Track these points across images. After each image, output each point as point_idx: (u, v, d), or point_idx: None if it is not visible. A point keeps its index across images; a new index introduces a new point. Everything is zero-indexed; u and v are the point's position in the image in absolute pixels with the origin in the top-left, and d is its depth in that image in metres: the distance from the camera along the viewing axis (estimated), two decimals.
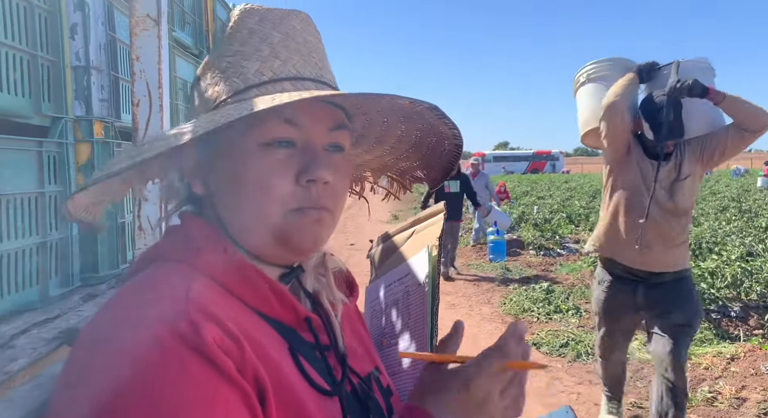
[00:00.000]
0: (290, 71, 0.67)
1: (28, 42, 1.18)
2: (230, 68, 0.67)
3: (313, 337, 0.67)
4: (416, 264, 0.91)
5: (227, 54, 0.68)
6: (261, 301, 0.63)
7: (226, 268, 0.62)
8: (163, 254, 0.65)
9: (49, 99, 1.26)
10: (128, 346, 0.49)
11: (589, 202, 15.12)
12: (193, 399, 0.48)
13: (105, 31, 1.51)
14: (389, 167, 0.92)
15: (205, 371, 0.50)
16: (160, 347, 0.49)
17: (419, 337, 0.84)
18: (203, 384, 0.49)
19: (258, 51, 0.67)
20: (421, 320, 0.85)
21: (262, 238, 0.65)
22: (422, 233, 0.98)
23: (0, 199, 1.06)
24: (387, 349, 0.89)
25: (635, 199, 2.75)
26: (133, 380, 0.48)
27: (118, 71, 1.60)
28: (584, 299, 6.09)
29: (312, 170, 0.63)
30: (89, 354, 0.52)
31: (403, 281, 0.92)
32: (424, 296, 0.86)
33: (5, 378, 0.81)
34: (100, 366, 0.50)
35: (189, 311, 0.53)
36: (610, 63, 2.87)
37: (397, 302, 0.91)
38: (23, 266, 1.14)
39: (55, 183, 1.27)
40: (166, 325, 0.51)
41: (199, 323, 0.51)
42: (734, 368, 4.05)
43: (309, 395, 0.60)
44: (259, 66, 0.66)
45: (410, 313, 0.88)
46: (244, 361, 0.54)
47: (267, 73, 0.66)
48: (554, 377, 4.13)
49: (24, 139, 1.15)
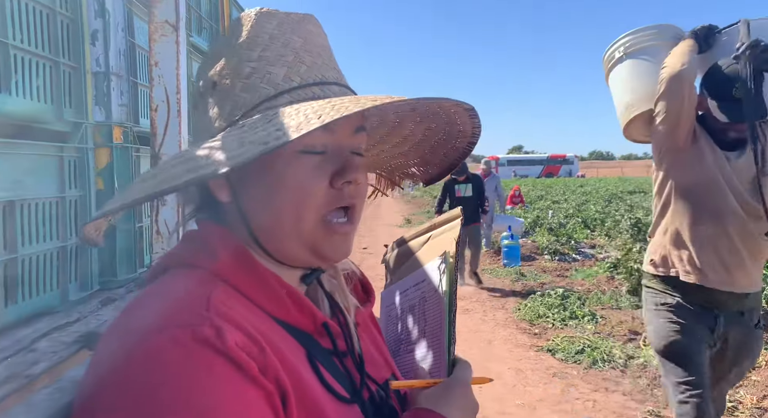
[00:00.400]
0: (316, 76, 0.67)
1: (51, 49, 1.20)
2: (255, 74, 0.65)
3: (331, 343, 0.67)
4: (433, 270, 0.90)
5: (249, 59, 0.66)
6: (278, 307, 0.64)
7: (244, 274, 0.63)
8: (181, 260, 0.65)
9: (71, 105, 1.28)
10: (154, 351, 0.50)
11: (604, 206, 14.98)
12: (224, 401, 0.49)
13: (125, 37, 1.53)
14: (380, 164, 0.92)
15: (231, 373, 0.51)
16: (187, 351, 0.50)
17: (436, 345, 0.84)
18: (232, 386, 0.50)
19: (282, 56, 0.66)
20: (438, 327, 0.84)
21: (294, 245, 0.65)
22: (439, 238, 0.97)
23: (22, 204, 1.07)
24: (404, 355, 0.89)
25: (711, 201, 2.11)
26: (162, 385, 0.48)
27: (137, 77, 1.61)
28: (600, 305, 6.03)
29: (348, 173, 0.65)
30: (115, 360, 0.52)
31: (419, 287, 0.91)
32: (440, 302, 0.85)
33: (27, 382, 0.81)
34: (128, 372, 0.50)
35: (211, 316, 0.54)
36: (654, 31, 2.27)
37: (413, 308, 0.91)
38: (44, 270, 1.15)
39: (76, 188, 1.28)
40: (190, 330, 0.52)
41: (221, 327, 0.52)
42: (756, 377, 3.97)
43: (328, 402, 0.61)
44: (287, 71, 0.66)
45: (426, 319, 0.87)
46: (266, 364, 0.54)
47: (295, 78, 0.66)
48: (570, 384, 4.09)
49: (45, 145, 1.17)
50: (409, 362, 0.87)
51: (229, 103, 0.66)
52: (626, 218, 9.92)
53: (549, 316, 5.72)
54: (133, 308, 0.59)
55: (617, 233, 9.33)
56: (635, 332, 5.08)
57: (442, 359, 0.81)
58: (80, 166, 1.30)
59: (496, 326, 5.61)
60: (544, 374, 4.29)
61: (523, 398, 3.87)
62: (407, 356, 0.88)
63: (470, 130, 0.78)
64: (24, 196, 1.07)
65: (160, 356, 0.50)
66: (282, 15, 0.70)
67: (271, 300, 0.63)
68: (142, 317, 0.56)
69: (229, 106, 0.66)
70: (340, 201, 0.65)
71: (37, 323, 1.06)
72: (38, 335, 0.98)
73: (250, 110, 0.64)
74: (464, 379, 0.76)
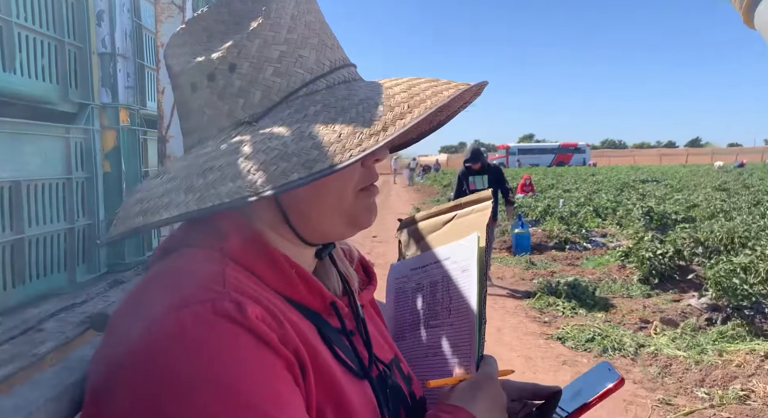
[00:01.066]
0: (339, 58, 0.67)
1: (56, 28, 1.18)
2: (285, 58, 0.63)
3: (339, 322, 0.67)
4: (461, 249, 0.89)
5: (276, 42, 0.63)
6: (288, 286, 0.63)
7: (252, 253, 0.62)
8: (189, 240, 0.64)
9: (76, 86, 1.27)
10: (177, 328, 0.50)
11: (616, 195, 14.85)
12: (251, 371, 0.49)
13: (131, 18, 1.51)
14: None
15: (255, 344, 0.51)
16: (209, 324, 0.50)
17: (464, 324, 0.82)
18: (258, 357, 0.51)
19: (307, 38, 0.65)
20: (465, 306, 0.83)
21: (336, 223, 0.66)
22: (465, 218, 0.95)
23: (28, 184, 1.07)
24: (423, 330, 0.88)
25: None
26: (190, 362, 0.48)
27: (143, 59, 1.60)
28: (611, 294, 5.99)
29: (378, 153, 0.64)
30: (133, 338, 0.51)
31: (441, 265, 0.90)
32: (470, 282, 0.84)
33: (34, 360, 0.81)
34: (149, 351, 0.49)
35: (229, 291, 0.53)
36: None
37: (436, 284, 0.89)
38: (51, 251, 1.15)
39: (82, 169, 1.27)
40: (210, 305, 0.51)
41: (241, 301, 0.52)
42: None
43: (342, 376, 0.61)
44: (317, 55, 0.64)
45: (451, 297, 0.86)
46: (285, 335, 0.55)
47: (326, 62, 0.65)
48: (579, 372, 4.07)
49: (52, 126, 1.16)
50: (433, 336, 0.86)
51: (259, 89, 0.62)
52: (638, 206, 9.85)
53: (559, 304, 5.69)
54: (146, 287, 0.59)
55: (629, 222, 9.26)
56: (646, 320, 5.04)
57: (471, 339, 0.80)
58: (87, 148, 1.29)
59: (506, 314, 5.59)
60: (554, 362, 4.28)
61: None
62: (429, 331, 0.87)
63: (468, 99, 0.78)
64: (30, 176, 1.07)
65: (183, 333, 0.49)
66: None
67: (281, 279, 0.63)
68: (158, 295, 0.55)
69: (259, 93, 0.62)
70: (371, 178, 0.67)
71: (44, 304, 1.06)
72: (46, 316, 0.98)
73: (288, 96, 0.62)
74: (491, 374, 0.76)
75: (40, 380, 0.73)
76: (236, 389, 0.47)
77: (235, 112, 0.62)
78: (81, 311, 1.04)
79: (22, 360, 0.80)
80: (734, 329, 4.52)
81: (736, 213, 9.17)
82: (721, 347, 4.30)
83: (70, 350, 0.87)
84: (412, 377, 0.79)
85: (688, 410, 3.43)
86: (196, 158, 0.60)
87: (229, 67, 0.62)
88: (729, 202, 10.46)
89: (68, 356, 0.85)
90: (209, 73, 0.63)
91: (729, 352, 4.20)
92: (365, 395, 0.64)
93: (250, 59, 0.62)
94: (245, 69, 0.62)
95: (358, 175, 0.65)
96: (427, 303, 0.90)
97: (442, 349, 0.84)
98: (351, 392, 0.60)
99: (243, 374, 0.49)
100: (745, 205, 10.01)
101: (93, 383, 0.54)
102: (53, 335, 0.91)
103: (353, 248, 0.84)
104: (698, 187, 15.73)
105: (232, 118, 0.62)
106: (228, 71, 0.62)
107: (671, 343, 4.50)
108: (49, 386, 0.71)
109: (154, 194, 0.59)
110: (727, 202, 10.61)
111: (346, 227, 0.67)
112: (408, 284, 0.95)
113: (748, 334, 4.48)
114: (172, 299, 0.53)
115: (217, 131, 0.63)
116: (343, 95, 0.62)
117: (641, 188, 16.58)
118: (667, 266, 6.29)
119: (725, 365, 4.00)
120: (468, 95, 0.75)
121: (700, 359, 4.08)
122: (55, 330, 0.93)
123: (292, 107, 0.61)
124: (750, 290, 4.78)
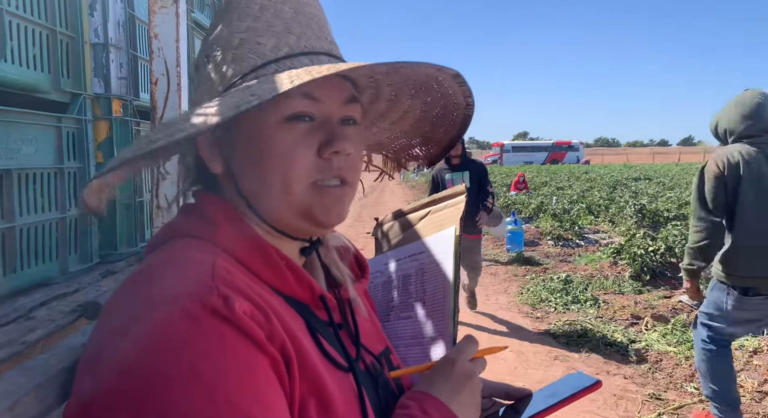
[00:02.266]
0: (305, 46, 0.67)
1: (48, 17, 1.18)
2: (244, 45, 0.65)
3: (327, 315, 0.68)
4: (434, 243, 0.90)
5: (239, 30, 0.66)
6: (278, 278, 0.64)
7: (243, 245, 0.63)
8: (181, 231, 0.65)
9: (68, 75, 1.26)
10: (164, 324, 0.50)
11: (609, 192, 14.91)
12: (234, 370, 0.49)
13: (124, 9, 1.50)
14: (385, 145, 0.92)
15: (241, 341, 0.51)
16: (196, 320, 0.50)
17: (439, 315, 0.83)
18: (242, 355, 0.51)
19: (271, 26, 0.66)
20: (441, 298, 0.84)
21: (287, 212, 0.65)
22: (439, 213, 0.96)
23: (19, 173, 1.06)
24: (395, 322, 0.89)
25: None
26: (172, 359, 0.48)
27: (136, 50, 1.59)
28: (603, 290, 6.03)
29: (335, 143, 0.64)
30: (121, 332, 0.52)
31: (416, 258, 0.91)
32: (443, 274, 0.85)
33: (23, 347, 0.81)
34: (135, 346, 0.49)
35: (218, 285, 0.54)
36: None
37: (409, 278, 0.91)
38: (43, 240, 1.14)
39: (74, 159, 1.27)
40: (198, 300, 0.51)
41: (229, 296, 0.52)
42: (756, 361, 3.97)
43: (326, 370, 0.61)
44: (275, 41, 0.65)
45: (425, 290, 0.87)
46: (273, 332, 0.55)
47: (284, 48, 0.65)
48: (571, 367, 4.10)
49: (43, 115, 1.15)
50: (404, 328, 0.87)
51: (219, 75, 0.66)
52: (630, 204, 9.90)
53: (551, 300, 5.72)
54: (137, 279, 0.59)
55: (621, 219, 9.31)
56: (637, 316, 5.08)
57: (446, 328, 0.81)
58: (79, 137, 1.28)
59: (499, 310, 5.62)
60: (545, 357, 4.30)
61: (524, 380, 3.89)
62: (400, 322, 0.88)
63: (463, 101, 0.77)
64: (21, 165, 1.06)
65: (171, 329, 0.49)
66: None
67: (271, 271, 0.63)
68: (147, 288, 0.56)
69: (218, 78, 0.66)
70: (329, 171, 0.65)
71: (35, 293, 1.06)
72: (36, 304, 0.98)
73: (237, 80, 0.64)
74: (460, 356, 0.74)
75: (29, 367, 0.73)
76: (218, 388, 0.48)
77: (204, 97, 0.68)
78: (72, 299, 1.04)
79: (12, 347, 0.80)
80: None
81: None
82: None
83: (60, 338, 0.87)
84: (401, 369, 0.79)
85: (678, 405, 3.46)
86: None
87: (206, 57, 0.69)
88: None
89: (58, 343, 0.85)
90: (196, 66, 0.71)
91: None
92: (349, 387, 0.64)
93: (217, 49, 0.68)
94: (214, 58, 0.68)
95: (307, 161, 0.64)
96: (400, 296, 0.91)
97: (416, 340, 0.85)
98: (333, 384, 0.60)
99: (226, 372, 0.49)
100: None
101: (81, 373, 0.54)
102: (43, 323, 0.90)
103: (348, 242, 0.84)
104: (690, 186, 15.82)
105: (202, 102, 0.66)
106: (205, 61, 0.69)
107: (662, 339, 4.54)
108: (39, 373, 0.71)
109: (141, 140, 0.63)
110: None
111: (300, 220, 0.66)
112: (381, 278, 0.97)
113: None
114: (161, 294, 0.53)
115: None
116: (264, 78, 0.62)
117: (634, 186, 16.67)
118: (658, 262, 6.33)
119: None
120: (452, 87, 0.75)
121: (690, 355, 4.11)
122: (45, 318, 0.93)
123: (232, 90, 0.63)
124: None
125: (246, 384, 0.49)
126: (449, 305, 0.82)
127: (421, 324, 0.85)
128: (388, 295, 0.93)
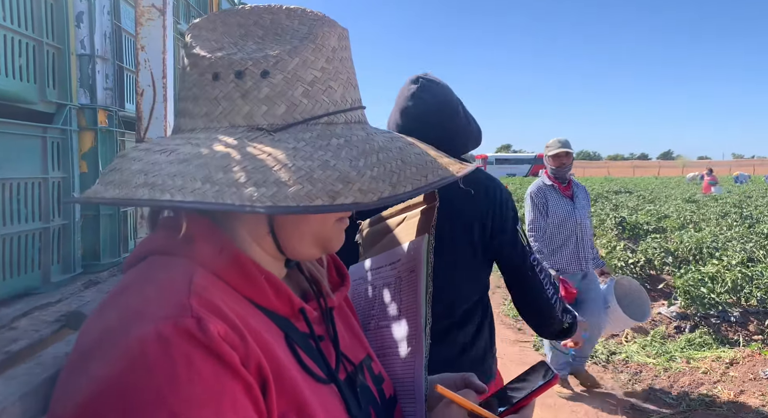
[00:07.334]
0: (357, 99, 0.69)
1: (34, 28, 1.18)
2: (317, 84, 0.64)
3: (308, 327, 0.68)
4: (409, 251, 0.91)
5: (314, 67, 0.64)
6: (256, 292, 0.64)
7: (222, 260, 0.62)
8: (159, 248, 0.65)
9: (54, 86, 1.27)
10: (135, 346, 0.50)
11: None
12: (201, 395, 0.49)
13: (110, 21, 1.51)
14: None
15: (211, 366, 0.51)
16: (167, 344, 0.50)
17: (413, 324, 0.85)
18: (210, 380, 0.50)
19: (339, 73, 0.66)
20: (414, 307, 0.85)
21: (311, 244, 0.68)
22: (414, 220, 0.97)
23: (3, 183, 1.06)
24: (375, 330, 0.91)
25: None
26: (140, 378, 0.48)
27: (122, 61, 1.60)
28: None
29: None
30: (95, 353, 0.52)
31: (395, 266, 0.92)
32: (416, 284, 0.86)
33: (5, 357, 0.81)
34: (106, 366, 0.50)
35: (193, 306, 0.53)
36: None
37: (388, 286, 0.92)
38: (25, 250, 1.14)
39: (59, 170, 1.27)
40: (172, 322, 0.51)
41: (203, 318, 0.52)
42: (733, 372, 4.04)
43: (305, 383, 0.61)
44: (343, 91, 0.66)
45: (402, 299, 0.88)
46: (248, 353, 0.55)
47: (348, 99, 0.67)
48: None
49: (29, 125, 1.15)
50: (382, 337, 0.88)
51: (284, 103, 0.63)
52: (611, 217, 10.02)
53: None
54: (112, 299, 0.58)
55: (602, 232, 9.42)
56: None
57: (419, 339, 0.82)
58: (64, 148, 1.29)
59: None
60: (526, 368, 4.32)
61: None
62: (379, 331, 0.90)
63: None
64: (5, 175, 1.06)
65: (141, 352, 0.49)
66: (340, 30, 0.68)
67: (249, 285, 0.63)
68: (122, 308, 0.55)
69: (284, 106, 0.63)
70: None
71: (17, 303, 1.05)
72: (19, 314, 0.97)
73: (310, 119, 0.63)
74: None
75: (14, 376, 0.73)
76: (181, 415, 0.48)
77: (255, 116, 0.62)
78: (55, 310, 1.04)
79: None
80: (701, 337, 4.64)
81: (704, 224, 9.42)
82: (689, 354, 4.42)
83: (43, 348, 0.87)
84: (383, 377, 0.80)
85: (658, 417, 3.51)
86: (210, 149, 0.58)
87: (262, 72, 0.62)
88: (698, 214, 10.73)
89: (42, 353, 0.85)
90: (238, 71, 0.62)
91: (696, 359, 4.31)
92: (330, 398, 0.64)
93: (285, 73, 0.63)
94: (277, 80, 0.62)
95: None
96: (379, 305, 0.92)
97: (392, 350, 0.86)
98: (313, 398, 0.60)
99: (190, 399, 0.49)
100: (713, 216, 10.28)
101: (55, 396, 0.54)
102: (27, 333, 0.90)
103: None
104: (669, 199, 16.10)
105: (250, 120, 0.62)
106: (260, 76, 0.62)
107: (641, 350, 4.60)
108: (24, 382, 0.71)
109: (163, 171, 0.56)
110: (697, 213, 10.88)
111: (318, 249, 0.70)
112: (362, 287, 0.98)
113: (714, 342, 4.61)
114: (133, 315, 0.53)
115: (228, 126, 0.62)
116: (362, 137, 0.63)
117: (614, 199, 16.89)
118: (638, 275, 6.42)
119: (692, 372, 4.10)
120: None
121: (668, 366, 4.18)
122: (28, 328, 0.93)
123: (313, 132, 0.62)
124: (716, 299, 4.92)
125: (212, 411, 0.49)
126: (421, 315, 0.84)
127: (397, 335, 0.86)
128: (369, 303, 0.94)
